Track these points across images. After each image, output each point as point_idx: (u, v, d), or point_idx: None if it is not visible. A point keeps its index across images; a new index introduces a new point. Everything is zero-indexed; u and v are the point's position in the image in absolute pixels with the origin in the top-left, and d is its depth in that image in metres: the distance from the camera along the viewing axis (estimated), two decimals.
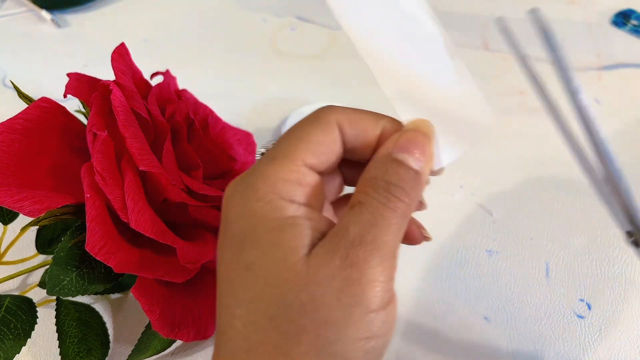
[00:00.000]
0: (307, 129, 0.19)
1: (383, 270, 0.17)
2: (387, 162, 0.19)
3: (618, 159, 0.18)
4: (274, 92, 0.48)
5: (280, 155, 0.19)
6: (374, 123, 0.20)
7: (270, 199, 0.18)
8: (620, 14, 0.56)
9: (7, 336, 0.26)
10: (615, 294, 0.34)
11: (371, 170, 0.19)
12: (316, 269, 0.17)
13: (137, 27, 0.55)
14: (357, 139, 0.20)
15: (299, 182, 0.19)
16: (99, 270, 0.27)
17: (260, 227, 0.18)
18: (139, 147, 0.26)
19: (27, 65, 0.51)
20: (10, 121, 0.27)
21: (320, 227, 0.18)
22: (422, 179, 0.19)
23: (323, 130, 0.19)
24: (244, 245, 0.18)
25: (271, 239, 0.17)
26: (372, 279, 0.17)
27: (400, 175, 0.19)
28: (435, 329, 0.32)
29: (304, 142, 0.19)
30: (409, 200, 0.18)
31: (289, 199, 0.18)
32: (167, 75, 0.35)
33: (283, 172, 0.18)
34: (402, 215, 0.18)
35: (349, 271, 0.17)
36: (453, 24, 0.56)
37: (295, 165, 0.19)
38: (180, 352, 0.31)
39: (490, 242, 0.37)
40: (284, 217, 0.18)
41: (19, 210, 0.24)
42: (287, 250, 0.17)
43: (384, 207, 0.18)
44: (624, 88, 0.48)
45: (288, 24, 0.56)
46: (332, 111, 0.20)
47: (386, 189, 0.18)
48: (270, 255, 0.17)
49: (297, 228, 0.18)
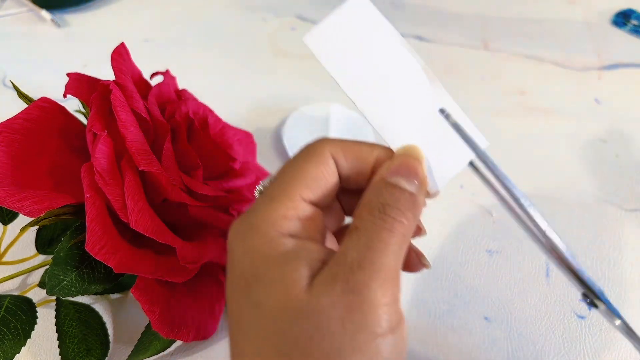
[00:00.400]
0: (302, 165, 0.20)
1: (385, 293, 0.17)
2: (382, 186, 0.19)
3: (563, 244, 0.20)
4: (274, 92, 0.48)
5: (278, 193, 0.19)
6: (368, 152, 0.21)
7: (271, 237, 0.18)
8: (620, 14, 0.56)
9: (7, 336, 0.26)
10: (615, 294, 0.34)
11: (367, 196, 0.19)
12: (318, 298, 0.17)
13: (137, 27, 0.55)
14: (352, 169, 0.21)
15: (298, 217, 0.19)
16: (99, 270, 0.27)
17: (263, 264, 0.18)
18: (139, 147, 0.26)
19: (27, 65, 0.51)
20: (10, 121, 0.27)
21: (322, 257, 0.18)
22: (418, 201, 0.19)
23: (318, 164, 0.20)
24: (249, 284, 0.18)
25: (273, 275, 0.18)
26: (374, 303, 0.17)
27: (395, 196, 0.19)
28: (435, 329, 0.32)
29: (301, 178, 0.19)
30: (406, 220, 0.19)
31: (289, 234, 0.19)
32: (167, 75, 0.35)
33: (282, 210, 0.19)
34: (400, 236, 0.18)
35: (351, 297, 0.17)
36: (453, 24, 0.56)
37: (293, 201, 0.19)
38: (180, 352, 0.31)
39: (490, 242, 0.37)
40: (284, 252, 0.18)
41: (19, 210, 0.24)
42: (289, 283, 0.17)
43: (381, 229, 0.18)
44: (624, 88, 0.48)
45: (288, 24, 0.56)
46: (325, 144, 0.20)
47: (382, 210, 0.18)
48: (274, 291, 0.18)
49: (298, 261, 0.18)
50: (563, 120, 0.45)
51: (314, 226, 0.20)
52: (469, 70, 0.50)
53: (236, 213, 0.31)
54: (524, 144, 0.43)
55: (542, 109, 0.46)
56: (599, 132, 0.44)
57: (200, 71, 0.50)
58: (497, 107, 0.47)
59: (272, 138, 0.44)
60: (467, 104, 0.50)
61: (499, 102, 0.47)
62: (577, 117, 0.46)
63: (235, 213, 0.31)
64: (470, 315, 0.33)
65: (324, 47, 0.21)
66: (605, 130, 0.44)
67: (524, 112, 0.46)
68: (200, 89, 0.38)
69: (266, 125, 0.45)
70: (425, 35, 0.54)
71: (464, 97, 0.47)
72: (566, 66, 0.51)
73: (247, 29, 0.55)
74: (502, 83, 0.49)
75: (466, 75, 0.50)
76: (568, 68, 0.50)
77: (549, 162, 0.42)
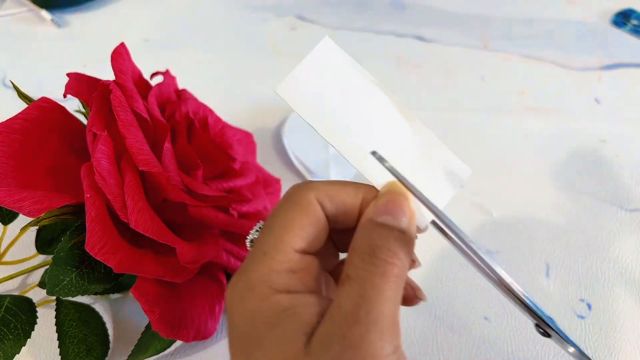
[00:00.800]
0: (289, 215, 0.20)
1: (384, 344, 0.17)
2: (370, 228, 0.19)
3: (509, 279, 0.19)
4: (274, 92, 0.48)
5: (270, 247, 0.19)
6: (354, 194, 0.21)
7: (266, 295, 0.18)
8: (620, 14, 0.56)
9: (7, 336, 0.26)
10: (615, 294, 0.34)
11: (356, 240, 0.19)
12: (317, 357, 0.16)
13: (137, 27, 0.55)
14: (339, 211, 0.20)
15: (292, 270, 0.19)
16: (99, 270, 0.27)
17: (261, 325, 0.18)
18: (138, 147, 0.26)
19: (27, 65, 0.51)
20: (10, 121, 0.27)
21: (319, 310, 0.18)
22: (409, 237, 0.19)
23: (305, 212, 0.20)
24: (248, 346, 0.18)
25: (272, 336, 0.17)
26: (375, 356, 0.16)
27: (384, 237, 0.19)
28: (435, 329, 0.32)
29: (290, 229, 0.19)
30: (399, 261, 0.18)
31: (285, 290, 0.18)
32: (167, 75, 0.35)
33: (275, 265, 0.19)
34: (394, 278, 0.18)
35: (350, 354, 0.16)
36: (453, 24, 0.56)
37: (285, 255, 0.19)
38: (180, 352, 0.31)
39: (490, 242, 0.37)
40: (281, 310, 0.18)
41: (19, 210, 0.24)
42: (287, 343, 0.17)
43: (373, 275, 0.18)
44: (624, 88, 0.48)
45: (288, 24, 0.56)
46: (309, 189, 0.20)
47: (372, 254, 0.18)
48: (272, 352, 0.17)
49: (295, 317, 0.18)
50: (563, 120, 0.45)
51: (309, 275, 0.19)
52: (469, 70, 0.50)
53: (236, 213, 0.31)
54: (523, 144, 0.43)
55: (542, 109, 0.46)
56: (599, 132, 0.44)
57: (200, 71, 0.50)
58: (497, 107, 0.47)
59: (272, 138, 0.44)
60: (467, 104, 0.50)
61: (499, 102, 0.47)
62: (577, 117, 0.46)
63: (235, 213, 0.31)
64: (470, 315, 0.33)
65: (296, 95, 0.21)
66: (605, 130, 0.44)
67: (524, 112, 0.46)
68: (200, 89, 0.38)
69: (266, 125, 0.45)
70: (425, 35, 0.54)
71: (464, 97, 0.47)
72: (566, 66, 0.51)
73: (247, 29, 0.55)
74: (502, 83, 0.49)
75: (466, 75, 0.50)
76: (568, 68, 0.50)
77: (549, 162, 0.42)
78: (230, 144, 0.34)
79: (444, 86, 0.49)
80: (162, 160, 0.27)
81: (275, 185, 0.39)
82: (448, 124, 0.45)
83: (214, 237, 0.30)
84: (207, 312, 0.30)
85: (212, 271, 0.31)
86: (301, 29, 0.55)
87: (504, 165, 0.42)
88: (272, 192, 0.38)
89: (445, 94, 0.48)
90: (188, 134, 0.31)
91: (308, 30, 0.54)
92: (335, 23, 0.55)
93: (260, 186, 0.35)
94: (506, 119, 0.46)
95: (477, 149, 0.43)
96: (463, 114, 0.46)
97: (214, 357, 0.31)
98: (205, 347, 0.32)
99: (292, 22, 0.56)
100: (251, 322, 0.18)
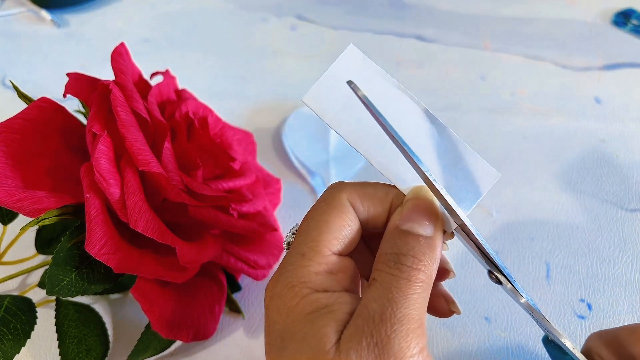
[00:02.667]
0: (324, 217, 0.20)
1: (409, 344, 0.17)
2: (395, 235, 0.19)
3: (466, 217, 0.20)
4: (274, 92, 0.48)
5: (308, 249, 0.20)
6: (383, 196, 0.21)
7: (305, 294, 0.19)
8: (620, 14, 0.56)
9: (6, 336, 0.26)
10: (615, 294, 0.34)
11: (382, 246, 0.20)
12: (347, 355, 0.17)
13: (137, 27, 0.55)
14: (369, 214, 0.21)
15: (330, 271, 0.19)
16: (99, 271, 0.27)
17: (297, 322, 0.18)
18: (138, 147, 0.26)
19: (27, 65, 0.51)
20: (10, 121, 0.27)
21: (354, 308, 0.19)
22: (435, 244, 0.19)
23: (340, 214, 0.20)
24: (283, 341, 0.18)
25: (305, 331, 0.18)
26: (400, 355, 0.17)
27: (409, 244, 0.19)
28: (436, 329, 0.32)
29: (327, 230, 0.20)
30: (424, 267, 0.19)
31: (323, 290, 0.19)
32: (167, 75, 0.35)
33: (314, 266, 0.19)
34: (420, 283, 0.18)
35: (377, 351, 0.17)
36: (453, 24, 0.56)
37: (323, 257, 0.19)
38: (180, 352, 0.31)
39: (491, 242, 0.37)
40: (317, 308, 0.18)
41: (19, 210, 0.24)
42: (319, 339, 0.18)
43: (398, 279, 0.18)
44: (624, 88, 0.48)
45: (288, 24, 0.56)
46: (342, 191, 0.21)
47: (397, 260, 0.19)
48: (305, 347, 0.18)
49: (329, 315, 0.18)
50: (563, 120, 0.45)
51: (346, 277, 0.20)
52: (468, 70, 0.50)
53: (236, 213, 0.31)
54: (523, 144, 0.43)
55: (542, 109, 0.46)
56: (599, 132, 0.44)
57: (200, 71, 0.50)
58: (497, 107, 0.47)
59: (272, 138, 0.44)
60: (467, 104, 0.50)
61: (499, 102, 0.47)
62: (577, 117, 0.46)
63: (235, 213, 0.31)
64: (470, 315, 0.33)
65: (322, 104, 0.21)
66: (605, 130, 0.44)
67: (524, 112, 0.46)
68: (200, 89, 0.38)
69: (266, 125, 0.45)
70: (425, 35, 0.54)
71: (464, 97, 0.47)
72: (566, 66, 0.51)
73: (247, 29, 0.55)
74: (502, 83, 0.49)
75: (466, 75, 0.50)
76: (568, 68, 0.50)
77: (549, 162, 0.42)
78: (230, 144, 0.34)
79: (444, 86, 0.49)
80: (162, 160, 0.27)
81: (275, 185, 0.39)
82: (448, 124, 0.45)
83: (214, 237, 0.30)
84: (207, 312, 0.30)
85: (212, 271, 0.31)
86: (301, 29, 0.55)
87: (504, 165, 0.42)
88: (272, 192, 0.38)
89: (445, 94, 0.48)
90: (188, 134, 0.31)
91: (308, 30, 0.54)
92: (335, 23, 0.55)
93: (260, 186, 0.35)
94: (506, 119, 0.46)
95: (476, 149, 0.43)
96: (463, 113, 0.46)
97: (214, 357, 0.31)
98: (205, 347, 0.32)
99: (292, 22, 0.56)
100: (287, 319, 0.19)
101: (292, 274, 0.19)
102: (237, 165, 0.33)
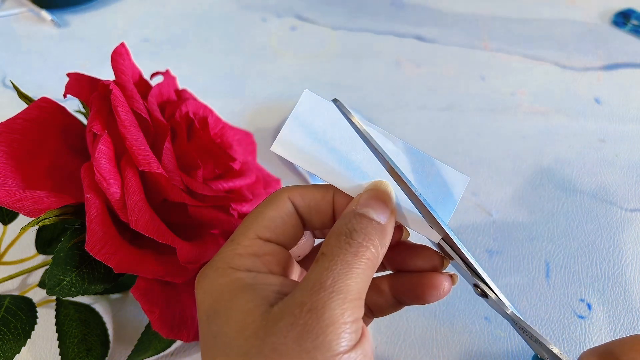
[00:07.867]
0: (260, 209, 0.22)
1: (344, 312, 0.17)
2: (351, 216, 0.20)
3: (450, 227, 0.21)
4: (274, 92, 0.48)
5: (237, 235, 0.21)
6: (325, 191, 0.22)
7: (228, 274, 0.20)
8: (620, 14, 0.56)
9: (7, 336, 0.26)
10: (615, 294, 0.34)
11: (336, 224, 0.20)
12: (275, 321, 0.17)
13: (137, 27, 0.55)
14: (311, 208, 0.22)
15: (255, 254, 0.20)
16: (99, 271, 0.27)
17: (221, 299, 0.19)
18: (139, 147, 0.26)
19: (27, 65, 0.51)
20: (10, 121, 0.27)
21: (281, 289, 0.19)
22: (387, 231, 0.20)
23: (274, 206, 0.22)
24: (209, 318, 0.19)
25: (229, 306, 0.19)
26: (332, 321, 0.17)
27: (363, 224, 0.19)
28: (435, 329, 0.32)
29: (257, 219, 0.21)
30: (373, 246, 0.19)
31: (246, 270, 0.20)
32: (167, 75, 0.35)
33: (239, 249, 0.20)
34: (365, 260, 0.19)
35: (308, 316, 0.17)
36: (453, 24, 0.56)
37: (249, 240, 0.21)
38: (180, 352, 0.31)
39: (490, 242, 0.37)
40: (240, 285, 0.19)
41: (19, 210, 0.24)
42: (244, 313, 0.18)
43: (346, 252, 0.18)
44: (624, 88, 0.48)
45: (288, 24, 0.56)
46: (284, 190, 0.22)
47: (348, 235, 0.19)
48: (230, 321, 0.18)
49: (253, 292, 0.19)
50: (563, 120, 0.45)
51: (274, 261, 0.21)
52: (468, 70, 0.50)
53: (236, 213, 0.31)
54: (523, 144, 0.43)
55: (542, 109, 0.46)
56: (599, 132, 0.44)
57: (200, 71, 0.50)
58: (497, 107, 0.47)
59: (272, 138, 0.44)
60: (467, 104, 0.50)
61: (499, 102, 0.47)
62: (577, 117, 0.46)
63: (235, 213, 0.31)
64: (470, 315, 0.33)
65: (290, 149, 0.22)
66: (605, 130, 0.45)
67: (523, 112, 0.46)
68: (200, 89, 0.38)
69: (266, 125, 0.45)
70: (425, 35, 0.54)
71: (464, 97, 0.47)
72: (566, 66, 0.51)
73: (247, 29, 0.55)
74: (502, 83, 0.49)
75: (466, 75, 0.50)
76: (568, 68, 0.50)
77: (549, 162, 0.42)
78: (230, 144, 0.34)
79: (443, 86, 0.49)
80: (162, 160, 0.27)
81: (275, 185, 0.39)
82: (448, 124, 0.45)
83: (214, 237, 0.30)
84: None
85: None
86: (301, 29, 0.55)
87: (504, 165, 0.42)
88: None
89: (445, 94, 0.48)
90: (188, 134, 0.31)
91: (308, 30, 0.54)
92: (335, 23, 0.55)
93: (260, 186, 0.35)
94: (506, 119, 0.46)
95: (477, 149, 0.43)
96: (463, 113, 0.46)
97: None
98: None
99: (292, 22, 0.56)
100: (212, 297, 0.19)
101: (218, 257, 0.20)
102: (237, 165, 0.33)
